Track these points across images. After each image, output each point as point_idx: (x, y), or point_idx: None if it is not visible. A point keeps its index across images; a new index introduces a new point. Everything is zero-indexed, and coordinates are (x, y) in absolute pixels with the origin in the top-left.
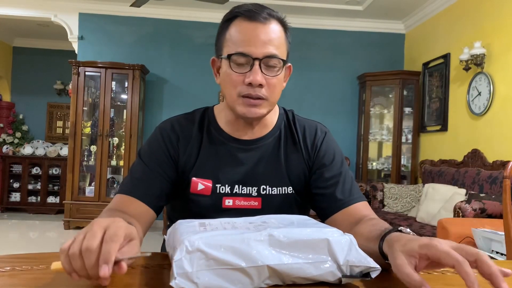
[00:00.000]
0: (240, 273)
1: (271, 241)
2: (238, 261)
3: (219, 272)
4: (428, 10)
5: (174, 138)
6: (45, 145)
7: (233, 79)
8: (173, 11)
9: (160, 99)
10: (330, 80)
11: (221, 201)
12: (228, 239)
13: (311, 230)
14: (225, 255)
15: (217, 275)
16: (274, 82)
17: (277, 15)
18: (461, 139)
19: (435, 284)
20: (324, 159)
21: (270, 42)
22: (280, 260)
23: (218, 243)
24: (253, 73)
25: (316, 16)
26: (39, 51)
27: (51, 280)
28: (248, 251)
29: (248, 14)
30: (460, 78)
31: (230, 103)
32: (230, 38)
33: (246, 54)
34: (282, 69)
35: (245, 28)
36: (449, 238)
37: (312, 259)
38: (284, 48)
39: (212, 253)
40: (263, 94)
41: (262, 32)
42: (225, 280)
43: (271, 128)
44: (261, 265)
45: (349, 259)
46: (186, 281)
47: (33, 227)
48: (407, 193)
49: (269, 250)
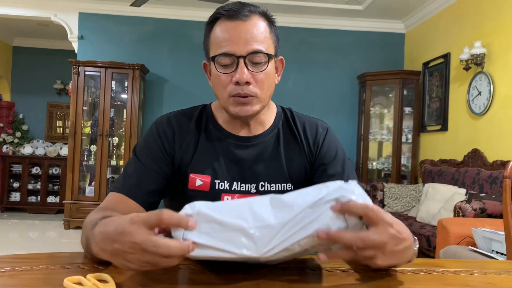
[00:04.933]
0: (243, 235)
1: (272, 202)
2: (239, 221)
3: (222, 235)
4: (428, 9)
5: (170, 133)
6: (45, 144)
7: (222, 80)
8: (173, 10)
9: (160, 99)
10: (330, 79)
11: (220, 197)
12: (228, 203)
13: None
14: (225, 216)
15: (219, 239)
16: (262, 78)
17: (259, 10)
18: (461, 139)
19: (435, 284)
20: (326, 156)
21: (253, 39)
22: (282, 218)
23: (218, 206)
24: (238, 72)
25: (316, 16)
26: (39, 50)
27: (51, 280)
28: (250, 213)
29: (229, 13)
30: (460, 77)
31: (223, 105)
32: (214, 40)
33: (229, 54)
34: (269, 63)
35: (226, 27)
36: (449, 238)
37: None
38: (269, 42)
39: (213, 215)
40: (251, 92)
41: (243, 29)
42: (229, 243)
43: (269, 126)
44: (263, 225)
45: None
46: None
47: (33, 227)
48: (407, 193)
49: (272, 211)
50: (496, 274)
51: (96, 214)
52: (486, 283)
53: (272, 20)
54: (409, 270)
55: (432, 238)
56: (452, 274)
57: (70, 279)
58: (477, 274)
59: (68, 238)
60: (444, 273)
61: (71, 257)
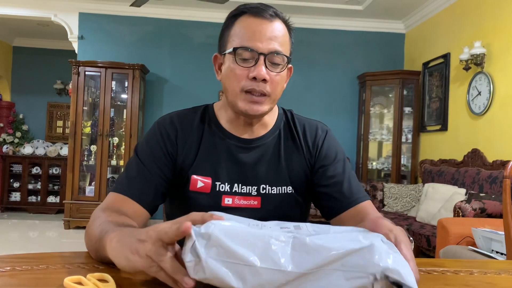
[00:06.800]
0: (251, 272)
1: (294, 243)
2: (252, 258)
3: (229, 265)
4: (428, 9)
5: (173, 134)
6: (45, 144)
7: (237, 73)
8: (173, 10)
9: (160, 99)
10: (330, 79)
11: (221, 199)
12: (246, 231)
13: (346, 234)
14: (239, 247)
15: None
16: (278, 79)
17: (281, 16)
18: (461, 139)
19: (435, 284)
20: (326, 158)
21: (275, 39)
22: (301, 268)
23: (234, 232)
24: (257, 67)
25: (316, 16)
26: (39, 50)
27: (51, 280)
28: (266, 249)
29: (255, 11)
30: (460, 77)
31: (232, 98)
32: (236, 33)
33: (251, 49)
34: (285, 67)
35: (251, 23)
36: (449, 238)
37: (344, 267)
38: (287, 47)
39: (226, 242)
40: (266, 90)
41: (268, 28)
42: (234, 275)
43: (271, 128)
44: (277, 269)
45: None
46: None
47: (33, 227)
48: (407, 192)
49: (291, 253)
50: (496, 274)
51: (105, 215)
52: (486, 283)
53: (291, 27)
54: None
55: (432, 238)
56: (452, 274)
57: (70, 279)
58: (477, 274)
59: (68, 238)
60: (444, 272)
61: (71, 257)
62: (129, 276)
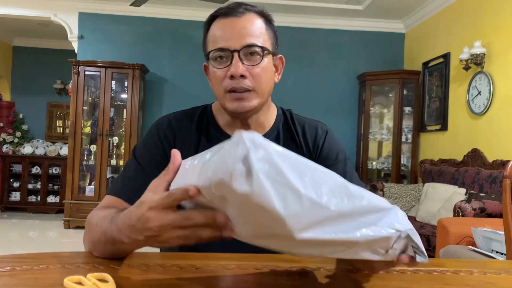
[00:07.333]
0: (294, 197)
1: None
2: (299, 184)
3: (277, 185)
4: (428, 9)
5: (171, 136)
6: (45, 144)
7: (218, 75)
8: (173, 10)
9: (160, 99)
10: (330, 79)
11: None
12: (298, 158)
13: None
14: (289, 170)
15: (273, 186)
16: (258, 72)
17: (255, 9)
18: (461, 139)
19: (435, 284)
20: (327, 159)
21: (247, 33)
22: (340, 208)
23: (287, 155)
24: (233, 65)
25: (316, 16)
26: (39, 50)
27: (51, 280)
28: (315, 182)
29: (225, 11)
30: (460, 77)
31: (220, 102)
32: (210, 38)
33: (224, 49)
34: (264, 57)
35: (222, 25)
36: (449, 238)
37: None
38: (265, 37)
39: (277, 161)
40: (247, 85)
41: (238, 24)
42: (279, 196)
43: (269, 129)
44: (318, 202)
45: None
46: (246, 174)
47: (33, 227)
48: (407, 192)
49: (334, 192)
50: (496, 274)
51: (102, 211)
52: (486, 283)
53: (269, 18)
54: (409, 270)
55: (432, 237)
56: (452, 274)
57: (70, 279)
58: (476, 274)
59: (68, 237)
60: (443, 272)
61: (71, 256)
62: (129, 276)
